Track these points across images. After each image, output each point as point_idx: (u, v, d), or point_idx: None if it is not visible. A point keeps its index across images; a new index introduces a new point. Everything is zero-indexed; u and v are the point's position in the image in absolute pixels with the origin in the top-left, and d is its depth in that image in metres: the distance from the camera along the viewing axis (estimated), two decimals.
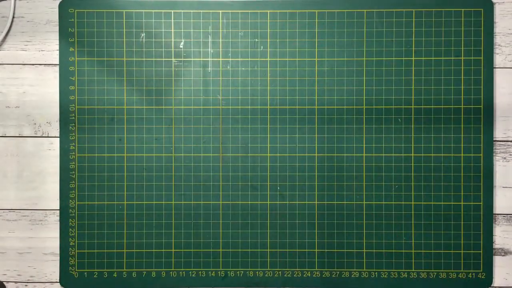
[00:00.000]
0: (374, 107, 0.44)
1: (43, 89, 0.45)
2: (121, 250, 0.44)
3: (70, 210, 0.44)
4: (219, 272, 0.44)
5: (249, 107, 0.44)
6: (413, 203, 0.44)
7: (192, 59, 0.44)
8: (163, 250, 0.44)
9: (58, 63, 0.44)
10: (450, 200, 0.44)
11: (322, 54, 0.44)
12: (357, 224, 0.44)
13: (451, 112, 0.44)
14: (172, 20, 0.44)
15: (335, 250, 0.44)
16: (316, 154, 0.44)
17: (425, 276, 0.44)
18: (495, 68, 0.44)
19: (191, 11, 0.44)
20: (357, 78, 0.44)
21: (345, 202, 0.44)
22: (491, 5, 0.44)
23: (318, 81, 0.44)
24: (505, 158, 0.44)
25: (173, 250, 0.44)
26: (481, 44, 0.44)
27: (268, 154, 0.44)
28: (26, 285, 0.45)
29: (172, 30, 0.44)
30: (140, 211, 0.44)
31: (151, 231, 0.44)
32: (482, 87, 0.44)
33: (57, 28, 0.45)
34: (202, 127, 0.44)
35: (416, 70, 0.44)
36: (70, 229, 0.44)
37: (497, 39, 0.44)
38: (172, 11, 0.44)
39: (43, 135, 0.45)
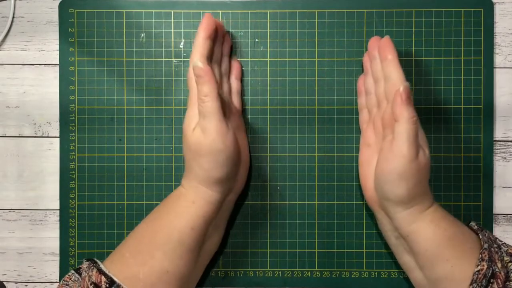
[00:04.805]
0: None
1: (43, 89, 0.45)
2: None
3: (70, 210, 0.44)
4: (219, 272, 0.44)
5: (249, 107, 0.44)
6: None
7: None
8: None
9: (58, 63, 0.44)
10: (450, 200, 0.44)
11: (322, 54, 0.44)
12: (357, 224, 0.44)
13: (451, 112, 0.44)
14: (172, 20, 0.44)
15: (335, 250, 0.44)
16: (316, 154, 0.44)
17: None
18: (495, 68, 0.44)
19: (191, 11, 0.44)
20: (357, 78, 0.44)
21: (345, 202, 0.44)
22: (491, 5, 0.44)
23: (318, 81, 0.44)
24: (505, 158, 0.44)
25: None
26: (481, 44, 0.44)
27: (268, 154, 0.44)
28: (26, 285, 0.45)
29: (172, 30, 0.44)
30: (140, 211, 0.44)
31: None
32: (482, 87, 0.44)
33: (57, 28, 0.45)
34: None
35: (416, 70, 0.44)
36: (70, 229, 0.44)
37: (497, 39, 0.44)
38: (172, 11, 0.44)
39: (43, 135, 0.45)
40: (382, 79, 0.39)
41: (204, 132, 0.36)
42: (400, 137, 0.35)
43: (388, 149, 0.36)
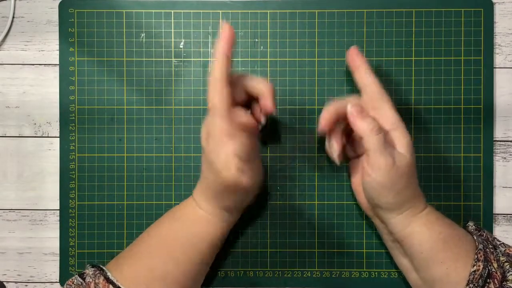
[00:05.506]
0: None
1: (43, 89, 0.45)
2: (121, 250, 0.44)
3: (70, 210, 0.44)
4: (219, 272, 0.44)
5: None
6: None
7: (192, 59, 0.44)
8: None
9: (58, 63, 0.44)
10: (450, 200, 0.44)
11: (322, 54, 0.44)
12: (357, 224, 0.44)
13: (451, 112, 0.44)
14: (172, 20, 0.44)
15: (335, 250, 0.44)
16: (316, 154, 0.44)
17: None
18: (495, 68, 0.44)
19: (191, 11, 0.44)
20: None
21: (345, 202, 0.44)
22: (491, 5, 0.44)
23: (318, 81, 0.44)
24: (505, 158, 0.44)
25: None
26: (481, 44, 0.44)
27: (268, 154, 0.44)
28: (26, 285, 0.45)
29: (172, 30, 0.44)
30: (140, 211, 0.44)
31: None
32: (482, 87, 0.44)
33: (57, 28, 0.45)
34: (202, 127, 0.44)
35: (416, 70, 0.44)
36: (70, 229, 0.44)
37: (497, 39, 0.44)
38: (172, 11, 0.44)
39: (43, 135, 0.45)
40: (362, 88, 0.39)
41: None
42: (370, 151, 0.35)
43: (366, 162, 0.36)
